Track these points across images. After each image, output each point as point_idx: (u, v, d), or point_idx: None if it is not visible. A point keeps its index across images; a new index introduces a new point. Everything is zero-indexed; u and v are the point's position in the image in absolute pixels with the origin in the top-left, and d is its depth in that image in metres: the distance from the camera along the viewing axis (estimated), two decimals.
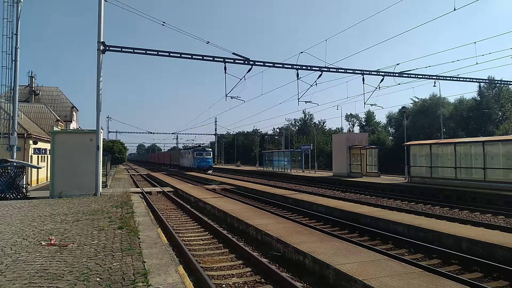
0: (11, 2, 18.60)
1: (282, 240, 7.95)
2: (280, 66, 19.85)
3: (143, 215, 11.23)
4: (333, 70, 20.74)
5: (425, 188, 19.76)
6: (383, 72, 21.60)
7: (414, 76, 22.15)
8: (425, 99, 53.27)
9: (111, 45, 16.76)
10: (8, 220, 9.65)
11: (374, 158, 29.70)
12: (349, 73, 21.51)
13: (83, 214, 10.62)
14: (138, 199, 15.99)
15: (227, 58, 18.41)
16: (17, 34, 18.68)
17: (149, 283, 4.86)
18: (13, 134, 18.81)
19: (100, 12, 16.29)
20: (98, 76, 16.44)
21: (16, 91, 18.80)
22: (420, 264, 6.96)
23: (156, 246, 7.06)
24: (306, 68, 20.00)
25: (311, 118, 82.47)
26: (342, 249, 7.19)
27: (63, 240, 7.40)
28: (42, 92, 40.42)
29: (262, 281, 6.39)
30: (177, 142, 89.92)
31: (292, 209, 14.81)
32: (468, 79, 23.86)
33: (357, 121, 73.07)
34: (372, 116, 69.01)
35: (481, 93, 49.49)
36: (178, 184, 25.49)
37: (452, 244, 8.32)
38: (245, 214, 11.58)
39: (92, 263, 5.72)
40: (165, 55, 17.69)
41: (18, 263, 5.76)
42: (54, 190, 16.13)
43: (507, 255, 7.16)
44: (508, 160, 17.25)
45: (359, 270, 5.76)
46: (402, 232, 9.75)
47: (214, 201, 15.16)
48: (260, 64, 19.28)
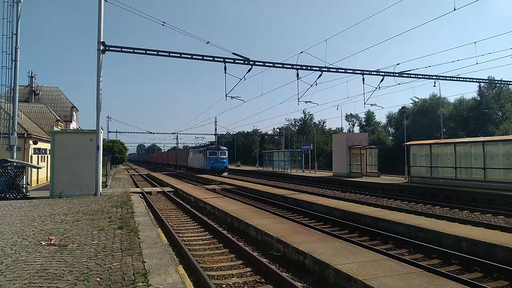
0: (11, 2, 18.60)
1: (282, 240, 7.95)
2: (280, 66, 19.86)
3: (143, 215, 11.23)
4: (333, 70, 20.74)
5: (425, 188, 19.75)
6: (383, 72, 21.60)
7: (414, 76, 22.15)
8: (425, 99, 53.28)
9: (111, 45, 16.77)
10: (8, 220, 9.65)
11: (374, 158, 29.69)
12: (349, 73, 21.52)
13: (83, 214, 10.62)
14: (138, 199, 16.00)
15: (227, 58, 18.41)
16: (17, 34, 18.68)
17: (149, 283, 4.86)
18: (13, 134, 18.81)
19: (100, 12, 16.30)
20: (98, 76, 16.44)
21: (16, 91, 18.81)
22: (420, 264, 6.96)
23: (156, 246, 7.07)
24: (306, 68, 20.00)
25: (311, 118, 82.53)
26: (342, 249, 7.19)
27: (63, 240, 7.40)
28: (42, 92, 40.42)
29: (262, 281, 6.39)
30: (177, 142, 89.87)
31: (292, 209, 14.80)
32: (468, 79, 23.86)
33: (357, 121, 73.13)
34: (372, 116, 69.01)
35: (481, 93, 49.48)
36: (178, 184, 25.49)
37: (452, 244, 8.31)
38: (245, 214, 11.59)
39: (92, 263, 5.72)
40: (165, 55, 17.69)
41: (18, 263, 5.76)
42: (54, 190, 16.14)
43: (507, 255, 7.16)
44: (508, 160, 17.25)
45: (359, 270, 5.76)
46: (402, 232, 9.75)
47: (214, 201, 15.16)
48: (260, 64, 19.28)
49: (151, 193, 20.74)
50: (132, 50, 17.35)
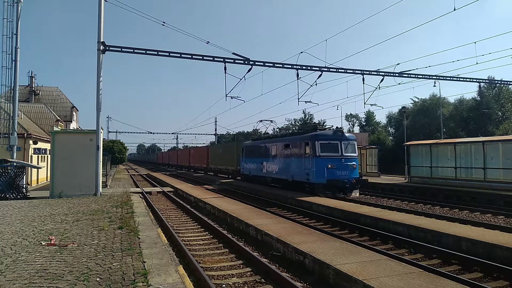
0: (11, 2, 18.59)
1: (282, 240, 7.95)
2: (280, 66, 19.84)
3: (143, 215, 11.23)
4: (333, 70, 20.72)
5: (425, 188, 19.75)
6: (383, 72, 21.57)
7: (414, 76, 22.12)
8: (425, 99, 53.22)
9: (111, 45, 16.76)
10: (8, 220, 9.65)
11: (374, 158, 29.69)
12: (349, 73, 21.48)
13: (83, 214, 10.62)
14: (138, 199, 15.99)
15: (227, 58, 18.40)
16: (17, 34, 18.67)
17: (149, 283, 4.86)
18: (13, 134, 18.80)
19: (100, 12, 16.29)
20: (98, 76, 16.44)
21: (16, 91, 18.80)
22: (420, 264, 6.96)
23: (156, 246, 7.06)
24: (306, 68, 19.98)
25: (311, 118, 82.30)
26: (342, 249, 7.19)
27: (63, 240, 7.39)
28: (42, 92, 40.42)
29: (262, 281, 6.38)
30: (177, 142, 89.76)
31: (292, 209, 14.81)
32: (468, 79, 23.83)
33: (357, 121, 72.96)
34: (372, 116, 68.88)
35: (481, 93, 49.45)
36: (178, 184, 25.48)
37: (452, 244, 8.31)
38: (245, 214, 11.59)
39: (92, 263, 5.72)
40: (165, 55, 17.68)
41: (18, 263, 5.76)
42: (54, 190, 16.13)
43: (507, 255, 7.16)
44: (508, 160, 17.25)
45: (359, 270, 5.75)
46: (402, 232, 9.75)
47: (214, 201, 15.16)
48: (260, 64, 19.26)
49: (151, 193, 20.74)
50: (132, 50, 17.33)
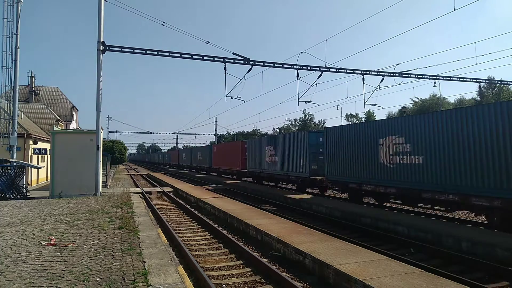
0: (11, 2, 18.62)
1: (282, 240, 7.95)
2: (280, 66, 19.84)
3: (143, 215, 11.23)
4: (333, 70, 20.72)
5: None
6: (383, 72, 21.57)
7: (414, 76, 22.13)
8: (425, 99, 53.37)
9: (111, 45, 16.76)
10: (8, 220, 9.65)
11: None
12: (349, 73, 21.48)
13: (83, 214, 10.62)
14: (138, 199, 16.00)
15: (227, 58, 18.40)
16: (17, 34, 18.69)
17: (149, 283, 4.86)
18: (13, 134, 18.81)
19: (100, 12, 16.30)
20: (98, 76, 16.44)
21: (16, 91, 18.82)
22: (420, 264, 6.95)
23: (156, 246, 7.06)
24: (306, 68, 19.98)
25: (311, 118, 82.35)
26: (342, 249, 7.18)
27: (63, 240, 7.39)
28: (42, 92, 40.43)
29: (262, 281, 6.38)
30: (177, 142, 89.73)
31: (292, 209, 14.80)
32: (468, 79, 23.84)
33: (357, 121, 73.09)
34: (372, 116, 68.87)
35: (481, 93, 49.50)
36: (178, 184, 25.47)
37: (452, 244, 8.32)
38: (245, 214, 11.58)
39: (92, 263, 5.72)
40: (165, 55, 17.68)
41: (18, 263, 5.76)
42: (54, 190, 16.13)
43: (507, 255, 7.16)
44: None
45: (359, 270, 5.75)
46: (402, 232, 9.76)
47: (214, 201, 15.15)
48: (260, 64, 19.26)
49: (151, 193, 20.74)
50: (132, 50, 17.33)
